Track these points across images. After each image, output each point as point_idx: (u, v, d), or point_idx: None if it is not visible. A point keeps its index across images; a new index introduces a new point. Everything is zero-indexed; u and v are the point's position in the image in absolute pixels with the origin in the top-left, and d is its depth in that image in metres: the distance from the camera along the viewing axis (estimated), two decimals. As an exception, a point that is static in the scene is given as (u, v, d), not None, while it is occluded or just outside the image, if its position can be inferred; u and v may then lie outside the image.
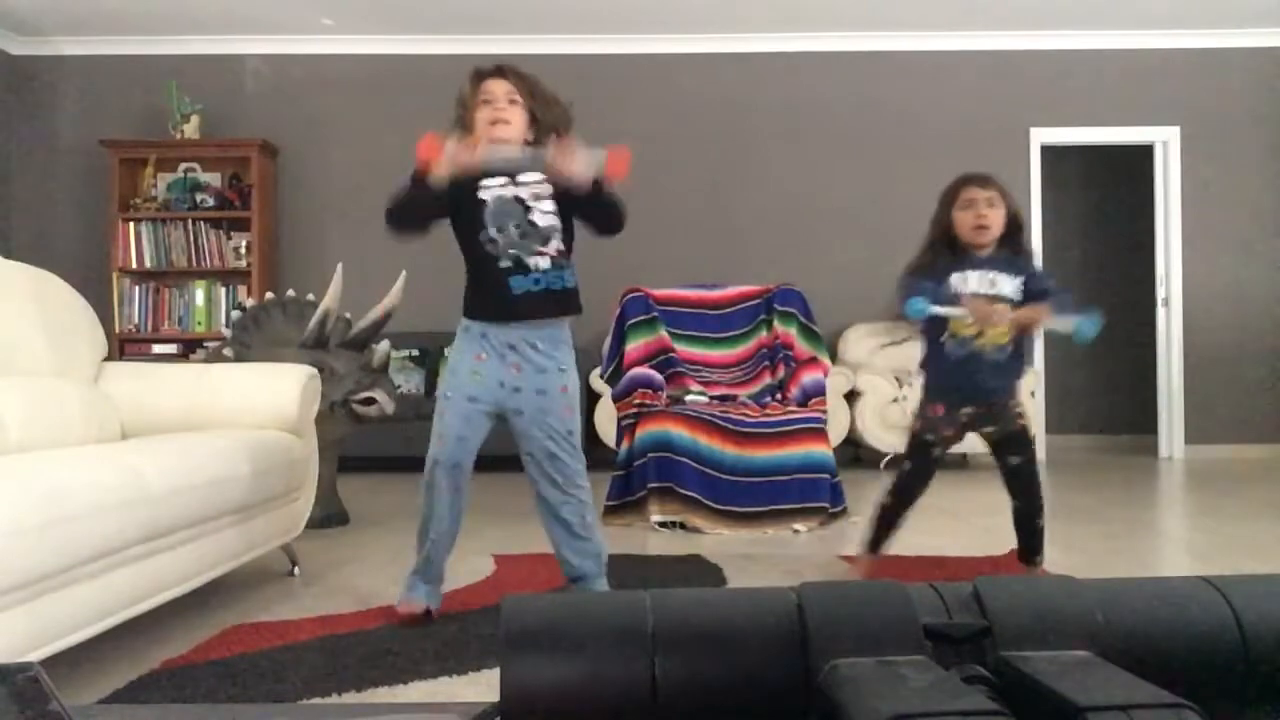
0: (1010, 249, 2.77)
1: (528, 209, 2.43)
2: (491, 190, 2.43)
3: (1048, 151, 6.77)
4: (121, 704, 1.84)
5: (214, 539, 2.47)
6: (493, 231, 2.42)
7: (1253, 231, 6.62)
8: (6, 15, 6.18)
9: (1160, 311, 6.69)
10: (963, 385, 2.77)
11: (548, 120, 2.49)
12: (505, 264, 2.42)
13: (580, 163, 2.32)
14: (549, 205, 2.45)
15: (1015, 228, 2.77)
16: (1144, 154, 6.84)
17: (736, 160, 6.64)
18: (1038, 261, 2.84)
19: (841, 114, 6.63)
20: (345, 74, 6.58)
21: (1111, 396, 7.58)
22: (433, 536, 2.52)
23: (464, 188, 2.41)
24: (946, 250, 2.77)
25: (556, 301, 2.48)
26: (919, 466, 2.86)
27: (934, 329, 2.77)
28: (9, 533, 1.62)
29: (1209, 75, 6.61)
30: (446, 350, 6.12)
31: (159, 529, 2.13)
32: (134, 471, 2.07)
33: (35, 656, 1.75)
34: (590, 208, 2.44)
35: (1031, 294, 2.73)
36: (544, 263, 2.44)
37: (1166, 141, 6.64)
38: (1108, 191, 7.71)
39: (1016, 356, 2.77)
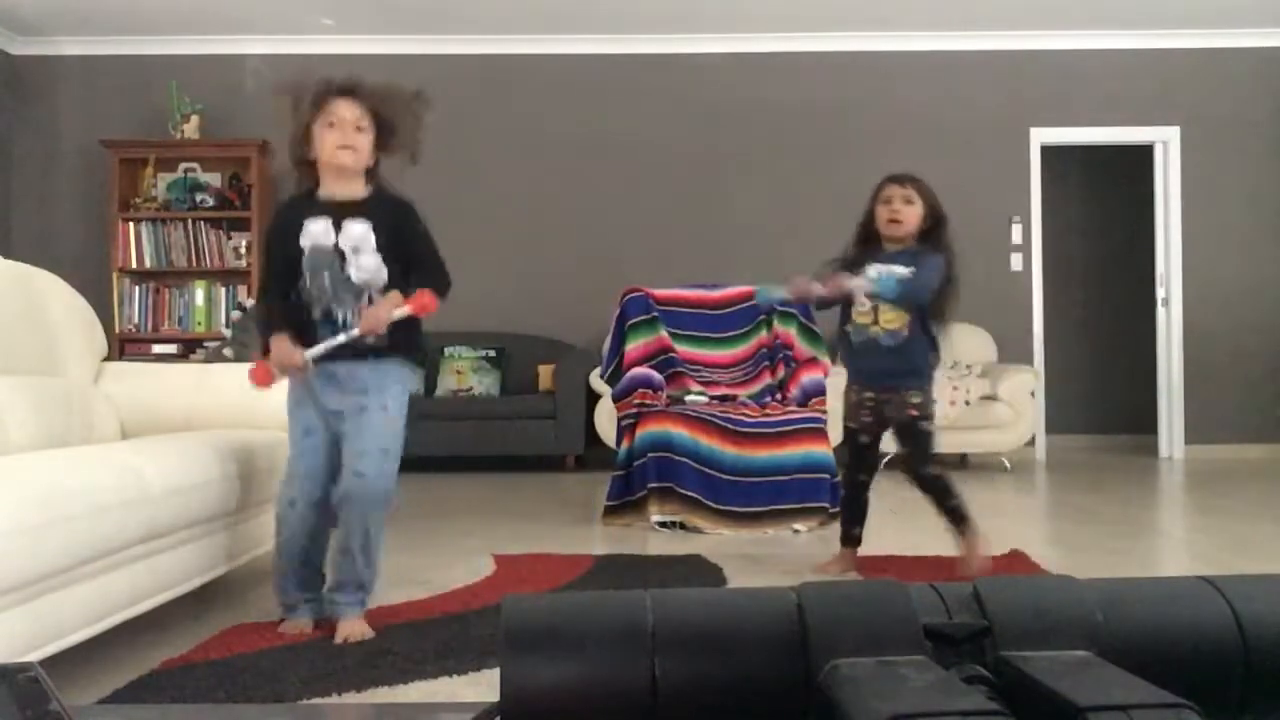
0: (931, 243, 2.95)
1: (344, 261, 2.32)
2: (312, 237, 2.33)
3: (1048, 151, 6.77)
4: (121, 704, 1.84)
5: (214, 539, 2.47)
6: (307, 280, 2.33)
7: (1253, 232, 6.62)
8: (6, 15, 6.18)
9: (1160, 311, 6.69)
10: (863, 369, 3.00)
11: (399, 139, 2.39)
12: (316, 314, 2.35)
13: (386, 319, 2.28)
14: (370, 260, 2.32)
15: (934, 223, 2.95)
16: (1144, 154, 6.84)
17: (737, 160, 6.64)
18: (940, 261, 2.90)
19: (842, 114, 6.63)
20: (345, 74, 6.57)
21: (1111, 396, 7.58)
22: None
23: (287, 231, 2.35)
24: (864, 244, 3.04)
25: (363, 352, 2.34)
26: (851, 453, 3.11)
27: (842, 319, 3.03)
28: (9, 533, 1.62)
29: (1209, 75, 6.61)
30: (447, 350, 6.13)
31: (159, 529, 2.13)
32: (134, 471, 2.07)
33: (35, 656, 1.75)
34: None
35: None
36: (352, 317, 2.33)
37: (1166, 141, 6.64)
38: (1108, 191, 7.71)
39: (914, 342, 2.92)
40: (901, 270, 2.85)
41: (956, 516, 2.96)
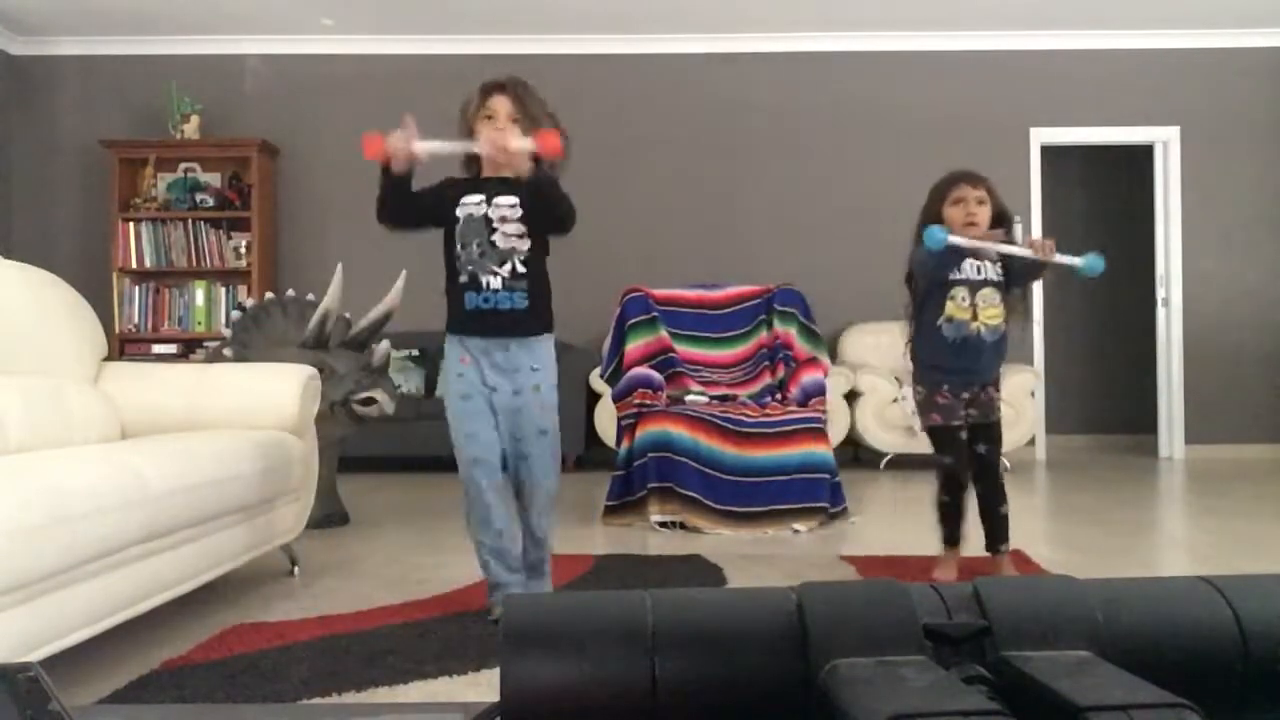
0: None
1: (492, 229, 2.51)
2: (466, 208, 2.53)
3: (1048, 151, 6.77)
4: (121, 704, 1.84)
5: (214, 539, 2.47)
6: (458, 248, 2.52)
7: (1253, 232, 6.62)
8: (6, 15, 6.18)
9: (1160, 311, 6.69)
10: (962, 368, 2.87)
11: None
12: (463, 279, 2.52)
13: (513, 143, 2.41)
14: (515, 228, 2.52)
15: (1001, 224, 2.88)
16: (1144, 154, 6.84)
17: (736, 160, 6.64)
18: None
19: (842, 114, 6.63)
20: (345, 74, 6.58)
21: (1111, 396, 7.58)
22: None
23: (447, 204, 2.53)
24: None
25: (507, 320, 2.52)
26: (958, 455, 2.92)
27: (930, 313, 2.86)
28: (9, 533, 1.62)
29: (1209, 75, 6.61)
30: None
31: (159, 529, 2.13)
32: (134, 471, 2.07)
33: (35, 656, 1.75)
34: (538, 203, 2.52)
35: (1010, 267, 2.87)
36: (495, 282, 2.50)
37: (1166, 141, 6.64)
38: (1108, 191, 7.71)
39: (1005, 339, 2.91)
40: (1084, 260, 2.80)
41: (1001, 528, 2.92)
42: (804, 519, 3.84)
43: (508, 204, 2.53)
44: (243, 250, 6.38)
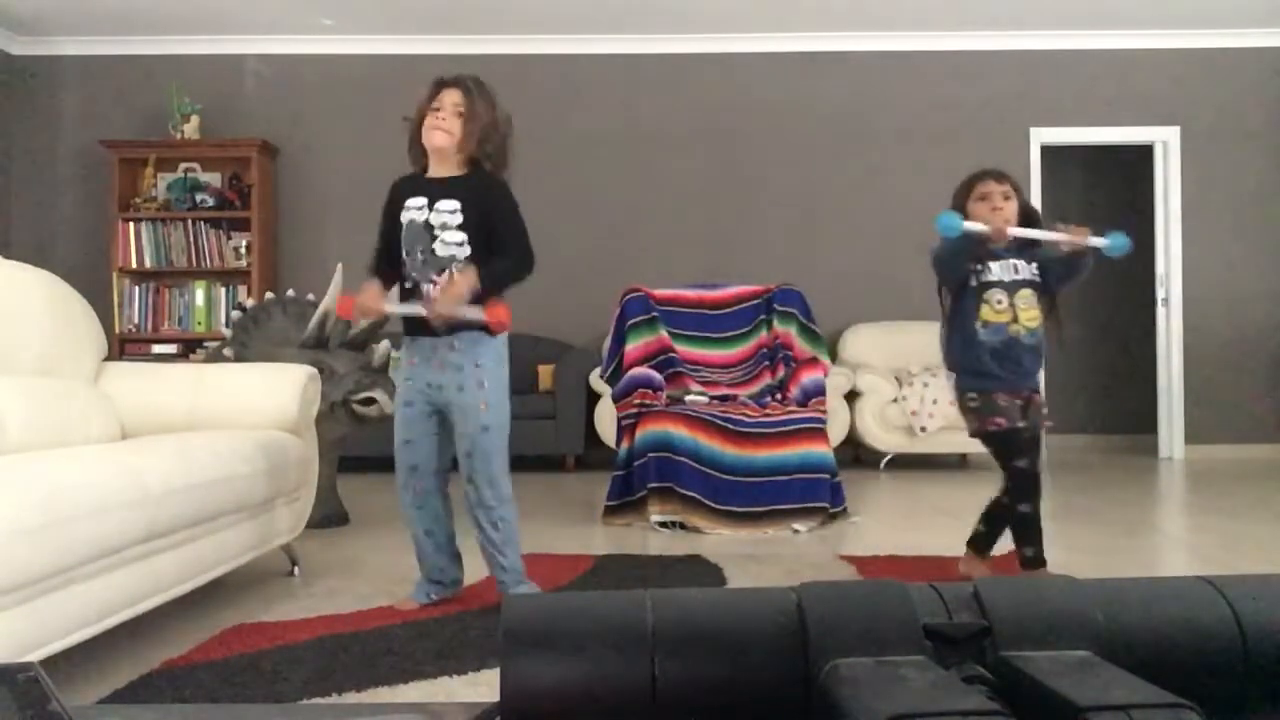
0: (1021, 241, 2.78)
1: (433, 236, 2.53)
2: (409, 213, 2.56)
3: (1048, 151, 6.77)
4: (121, 704, 1.84)
5: (214, 539, 2.47)
6: (404, 254, 2.56)
7: (1252, 232, 6.62)
8: (6, 15, 6.18)
9: (1160, 311, 6.69)
10: (1006, 372, 2.74)
11: (488, 137, 2.57)
12: (408, 285, 2.58)
13: (451, 313, 2.46)
14: (456, 235, 2.53)
15: (1029, 223, 2.80)
16: (1144, 154, 6.84)
17: (736, 160, 6.64)
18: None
19: (842, 114, 6.63)
20: (345, 74, 6.58)
21: (1111, 396, 7.58)
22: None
23: (392, 206, 2.59)
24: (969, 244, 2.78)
25: (446, 326, 2.53)
26: (1034, 458, 2.77)
27: (965, 319, 2.76)
28: (9, 533, 1.62)
29: (1209, 75, 6.61)
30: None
31: (159, 529, 2.13)
32: (134, 471, 2.07)
33: (35, 656, 1.75)
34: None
35: (1047, 267, 2.80)
36: (433, 290, 2.52)
37: (1166, 141, 6.63)
38: (1108, 191, 7.71)
39: (1043, 342, 2.81)
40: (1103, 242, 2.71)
41: (1033, 528, 2.76)
42: (804, 519, 3.84)
43: (449, 209, 2.53)
44: (243, 250, 6.38)
